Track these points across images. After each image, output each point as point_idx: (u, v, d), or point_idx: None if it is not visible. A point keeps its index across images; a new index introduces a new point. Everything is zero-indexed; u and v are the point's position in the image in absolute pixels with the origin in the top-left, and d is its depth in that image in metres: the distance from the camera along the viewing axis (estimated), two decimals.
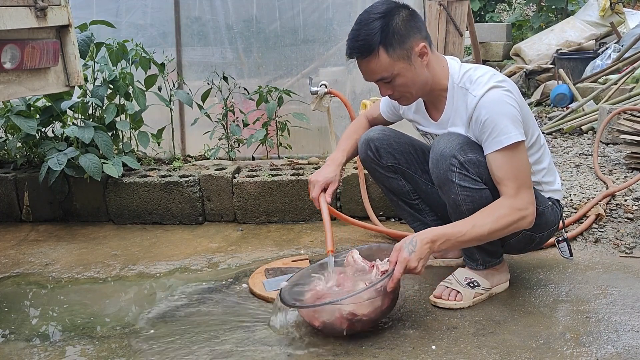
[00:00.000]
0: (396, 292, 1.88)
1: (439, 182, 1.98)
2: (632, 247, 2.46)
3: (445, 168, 1.93)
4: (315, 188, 2.13)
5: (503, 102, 1.88)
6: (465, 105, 1.94)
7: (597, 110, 4.51)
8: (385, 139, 2.23)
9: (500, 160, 1.88)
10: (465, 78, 1.96)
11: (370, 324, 1.86)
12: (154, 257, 2.66)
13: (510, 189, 1.88)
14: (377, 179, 2.34)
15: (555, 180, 2.15)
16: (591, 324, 1.90)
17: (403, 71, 1.90)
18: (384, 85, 1.95)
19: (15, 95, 2.28)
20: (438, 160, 1.95)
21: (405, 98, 2.00)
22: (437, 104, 2.04)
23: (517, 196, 1.87)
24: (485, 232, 1.86)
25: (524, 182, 1.89)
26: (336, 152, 2.27)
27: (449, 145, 1.94)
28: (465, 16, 4.68)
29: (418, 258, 1.81)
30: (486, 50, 7.64)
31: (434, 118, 2.09)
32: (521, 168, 1.89)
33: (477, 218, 1.88)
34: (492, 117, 1.87)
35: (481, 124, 1.89)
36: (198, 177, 3.06)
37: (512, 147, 1.87)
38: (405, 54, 1.89)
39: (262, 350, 1.83)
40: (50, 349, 1.91)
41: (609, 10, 6.86)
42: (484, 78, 1.92)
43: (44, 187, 3.08)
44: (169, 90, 3.41)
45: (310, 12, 3.51)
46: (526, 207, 1.88)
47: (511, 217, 1.86)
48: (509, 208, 1.87)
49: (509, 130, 1.86)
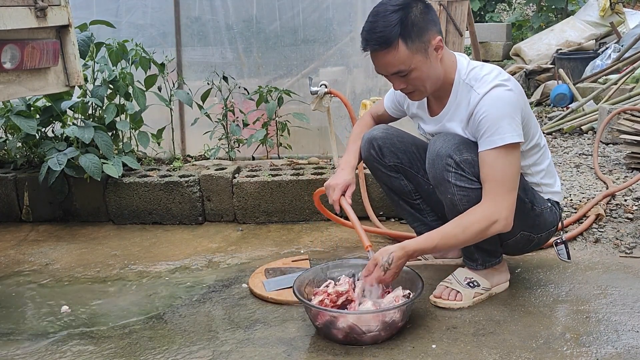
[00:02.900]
0: (401, 322, 1.88)
1: (436, 181, 1.98)
2: (632, 247, 2.46)
3: (441, 168, 1.94)
4: (335, 191, 2.12)
5: (504, 102, 1.87)
6: (467, 101, 1.94)
7: (597, 110, 4.51)
8: (388, 138, 2.22)
9: (490, 159, 1.88)
10: (471, 75, 1.96)
11: (367, 342, 1.84)
12: (154, 257, 2.66)
13: (490, 192, 1.87)
14: (379, 178, 2.33)
15: (555, 182, 2.15)
16: (591, 324, 1.90)
17: (420, 64, 1.88)
18: (398, 79, 1.92)
19: (15, 95, 2.28)
20: (434, 160, 1.96)
21: (419, 92, 1.97)
22: (441, 97, 2.04)
23: (493, 200, 1.87)
24: (456, 242, 1.90)
25: (506, 186, 1.87)
26: (348, 155, 2.25)
27: (445, 145, 1.94)
28: (465, 16, 4.68)
29: (392, 274, 1.88)
30: (486, 50, 7.64)
31: (434, 113, 2.09)
32: (508, 171, 1.88)
33: (447, 229, 1.90)
34: (490, 115, 1.87)
35: (479, 121, 1.89)
36: (198, 177, 3.06)
37: (503, 149, 1.86)
38: (423, 47, 1.88)
39: (262, 350, 1.83)
40: (50, 349, 1.91)
41: (609, 10, 6.85)
42: (489, 76, 1.92)
43: (44, 187, 3.08)
44: (169, 90, 3.41)
45: (310, 12, 3.51)
46: (499, 212, 1.86)
47: (480, 224, 1.86)
48: (480, 215, 1.86)
49: (504, 131, 1.85)
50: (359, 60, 3.43)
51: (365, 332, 1.80)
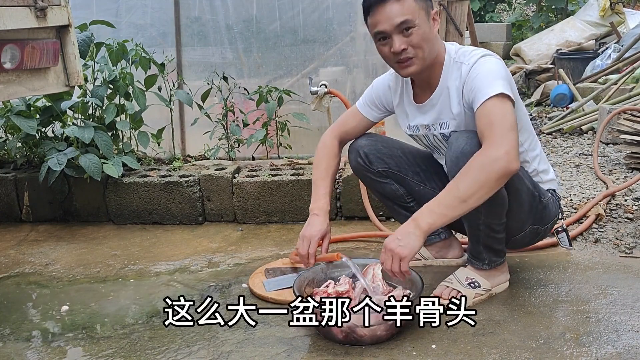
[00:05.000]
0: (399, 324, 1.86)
1: None
2: (632, 247, 2.46)
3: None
4: (312, 244, 2.07)
5: (493, 65, 1.91)
6: (459, 75, 1.96)
7: (597, 110, 4.51)
8: (373, 144, 2.22)
9: (485, 110, 1.83)
10: (460, 53, 2.00)
11: (367, 342, 1.84)
12: (154, 257, 2.66)
13: (488, 137, 1.78)
14: (370, 186, 2.33)
15: (549, 169, 2.17)
16: (591, 324, 1.90)
17: (423, 23, 1.89)
18: (400, 36, 1.89)
19: (15, 95, 2.28)
20: (459, 158, 1.87)
21: (417, 59, 1.92)
22: (431, 79, 2.03)
23: (490, 140, 1.77)
24: (465, 193, 1.76)
25: (504, 127, 1.78)
26: (319, 200, 2.13)
27: (469, 142, 1.88)
28: (465, 16, 4.67)
29: (406, 244, 1.80)
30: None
31: (421, 100, 2.07)
32: (506, 115, 1.80)
33: (450, 185, 1.80)
34: (481, 74, 1.89)
35: (471, 83, 1.90)
36: (198, 177, 3.06)
37: (497, 98, 1.82)
38: (426, 8, 1.91)
39: (262, 350, 1.83)
40: (51, 349, 1.91)
41: (609, 10, 6.86)
42: (477, 52, 1.98)
43: (44, 187, 3.08)
44: (169, 90, 3.41)
45: (310, 12, 3.51)
46: (498, 149, 1.75)
47: (481, 163, 1.76)
48: (479, 157, 1.77)
49: (496, 84, 1.84)
50: (359, 60, 3.44)
51: (366, 332, 1.80)
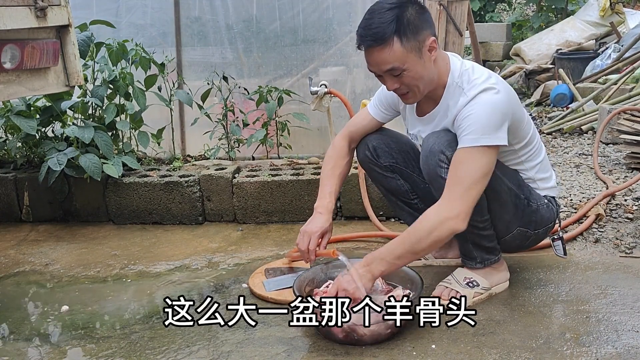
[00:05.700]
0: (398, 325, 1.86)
1: (429, 178, 1.99)
2: (632, 247, 2.46)
3: (434, 164, 1.94)
4: (312, 240, 2.07)
5: (489, 106, 1.86)
6: (457, 102, 1.94)
7: (597, 110, 4.51)
8: (382, 138, 2.23)
9: (460, 158, 1.86)
10: (464, 77, 1.96)
11: (367, 342, 1.83)
12: (154, 257, 2.66)
13: (446, 191, 1.85)
14: (375, 180, 2.33)
15: (550, 177, 2.15)
16: (591, 324, 1.90)
17: (413, 64, 1.88)
18: (391, 78, 1.91)
19: (15, 95, 2.28)
20: (427, 157, 1.96)
21: (413, 93, 1.95)
22: (433, 99, 2.03)
23: (447, 199, 1.84)
24: (410, 248, 1.86)
25: (464, 185, 1.83)
26: (324, 199, 2.16)
27: (437, 141, 1.95)
28: (465, 16, 4.67)
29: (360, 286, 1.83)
30: (486, 50, 7.63)
31: (422, 113, 2.08)
32: (471, 172, 1.84)
33: (401, 236, 1.88)
34: (471, 116, 1.86)
35: (462, 121, 1.89)
36: (198, 177, 3.06)
37: (475, 150, 1.84)
38: (417, 47, 1.87)
39: (262, 350, 1.83)
40: (50, 348, 1.92)
41: (609, 10, 6.85)
42: (479, 80, 1.92)
43: (44, 187, 3.08)
44: (169, 90, 3.41)
45: (310, 12, 3.51)
46: (451, 210, 1.82)
47: (431, 223, 1.84)
48: (432, 215, 1.85)
49: (480, 132, 1.84)
50: (359, 60, 3.43)
51: (366, 332, 1.80)
